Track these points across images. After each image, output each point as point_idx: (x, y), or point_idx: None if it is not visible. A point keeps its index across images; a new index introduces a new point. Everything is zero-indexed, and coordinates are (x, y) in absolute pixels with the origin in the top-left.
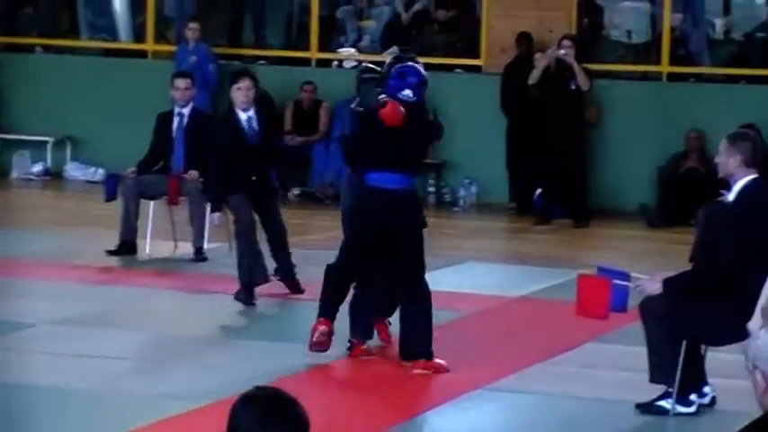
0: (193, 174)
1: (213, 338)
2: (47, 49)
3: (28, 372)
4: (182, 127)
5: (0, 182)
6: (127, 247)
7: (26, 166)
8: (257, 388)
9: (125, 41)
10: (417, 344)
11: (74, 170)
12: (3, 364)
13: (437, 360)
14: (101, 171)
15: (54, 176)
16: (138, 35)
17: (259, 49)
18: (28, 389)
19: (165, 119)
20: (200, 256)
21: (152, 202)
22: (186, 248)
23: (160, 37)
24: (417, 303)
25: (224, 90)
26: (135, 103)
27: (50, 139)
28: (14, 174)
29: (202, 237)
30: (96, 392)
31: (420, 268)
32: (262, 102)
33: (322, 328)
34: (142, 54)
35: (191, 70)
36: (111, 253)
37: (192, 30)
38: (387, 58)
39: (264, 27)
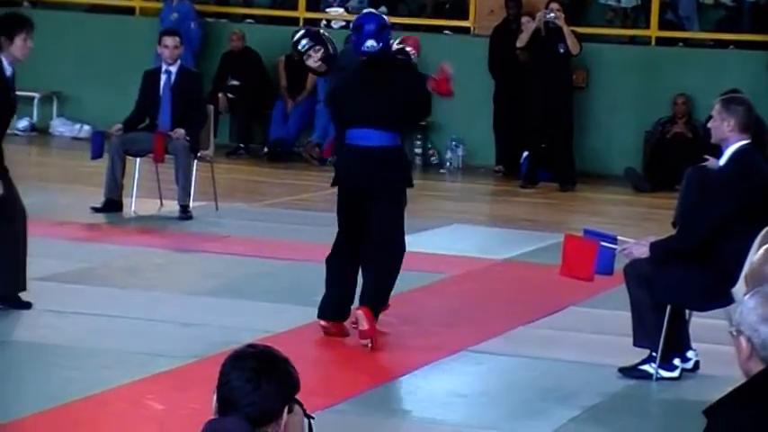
0: (180, 132)
1: (199, 296)
2: (33, 4)
3: (13, 327)
4: (169, 85)
5: None
6: (112, 205)
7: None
8: (248, 345)
9: None
10: (368, 294)
11: (60, 126)
12: None
13: (378, 329)
14: (87, 128)
15: (40, 132)
16: None
17: (247, 7)
18: (11, 345)
19: (152, 76)
20: (185, 214)
21: (138, 160)
22: (172, 206)
23: None
24: (384, 260)
25: (209, 48)
26: (122, 59)
27: (37, 95)
28: None
29: (188, 195)
30: (81, 349)
31: (394, 226)
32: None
33: (332, 330)
34: (130, 11)
35: (173, 27)
36: (96, 210)
37: None
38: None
39: None
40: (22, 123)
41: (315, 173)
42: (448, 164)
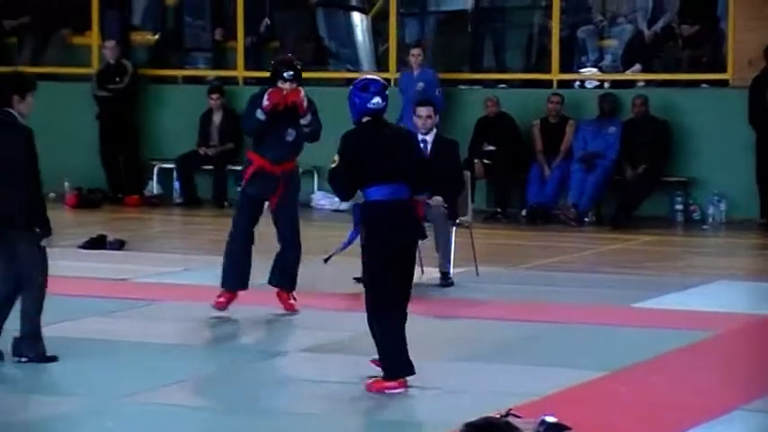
0: (437, 199)
1: (463, 362)
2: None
3: (277, 398)
4: (425, 153)
5: None
6: None
7: None
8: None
9: (368, 70)
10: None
11: (321, 199)
12: (255, 390)
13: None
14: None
15: (303, 205)
16: (381, 63)
17: (500, 72)
18: (277, 414)
19: None
20: (446, 280)
21: None
22: (433, 273)
23: (402, 64)
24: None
25: (461, 114)
26: None
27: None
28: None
29: (448, 261)
30: (339, 417)
31: None
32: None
33: (399, 389)
34: (386, 82)
35: (417, 96)
36: (358, 281)
37: (414, 56)
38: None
39: (504, 51)
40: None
41: (573, 234)
42: (710, 219)
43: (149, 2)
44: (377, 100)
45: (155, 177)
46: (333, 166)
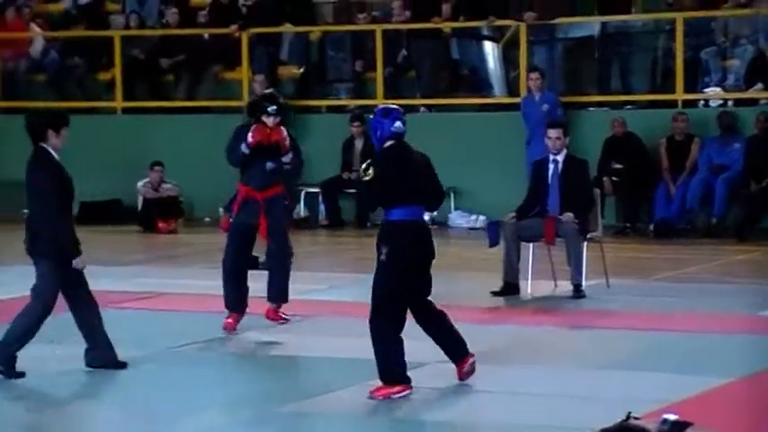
0: (569, 215)
1: (596, 370)
2: (429, 108)
3: (422, 407)
4: (557, 173)
5: None
6: (510, 288)
7: None
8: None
9: (499, 95)
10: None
11: (457, 218)
12: (394, 399)
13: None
14: (482, 218)
15: (439, 225)
16: (512, 89)
17: (626, 94)
18: (425, 424)
19: (540, 166)
20: (578, 293)
21: (531, 244)
22: (566, 286)
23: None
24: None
25: (590, 135)
26: (509, 152)
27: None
28: None
29: (580, 274)
30: (489, 425)
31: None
32: None
33: (406, 392)
34: (516, 107)
35: (541, 118)
36: (495, 294)
37: (532, 80)
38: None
39: (630, 74)
40: (425, 217)
41: (699, 247)
42: None
43: (295, 38)
44: (398, 124)
45: (302, 201)
46: (367, 179)
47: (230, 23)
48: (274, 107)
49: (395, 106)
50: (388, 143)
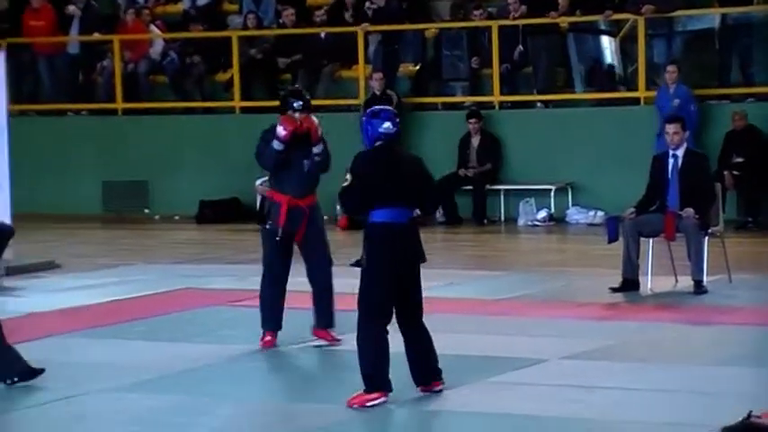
0: (689, 210)
1: (716, 366)
2: (546, 104)
3: (538, 403)
4: (676, 167)
5: (508, 228)
6: (630, 284)
7: (531, 213)
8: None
9: (617, 91)
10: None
11: (575, 214)
12: (517, 396)
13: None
14: (600, 214)
15: (557, 221)
16: (630, 83)
17: (747, 87)
18: (535, 419)
19: (660, 160)
20: (700, 288)
21: (651, 240)
22: (686, 282)
23: (651, 83)
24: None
25: (710, 128)
26: (627, 147)
27: (552, 187)
28: (521, 221)
29: (701, 270)
30: (609, 422)
31: None
32: None
33: (381, 399)
34: (635, 101)
35: (674, 112)
36: (614, 290)
37: (669, 72)
38: None
39: (751, 66)
40: (542, 214)
41: None
42: None
43: (411, 36)
44: (387, 125)
45: None
46: (345, 184)
47: (346, 22)
48: (300, 102)
49: (386, 107)
50: (377, 143)
